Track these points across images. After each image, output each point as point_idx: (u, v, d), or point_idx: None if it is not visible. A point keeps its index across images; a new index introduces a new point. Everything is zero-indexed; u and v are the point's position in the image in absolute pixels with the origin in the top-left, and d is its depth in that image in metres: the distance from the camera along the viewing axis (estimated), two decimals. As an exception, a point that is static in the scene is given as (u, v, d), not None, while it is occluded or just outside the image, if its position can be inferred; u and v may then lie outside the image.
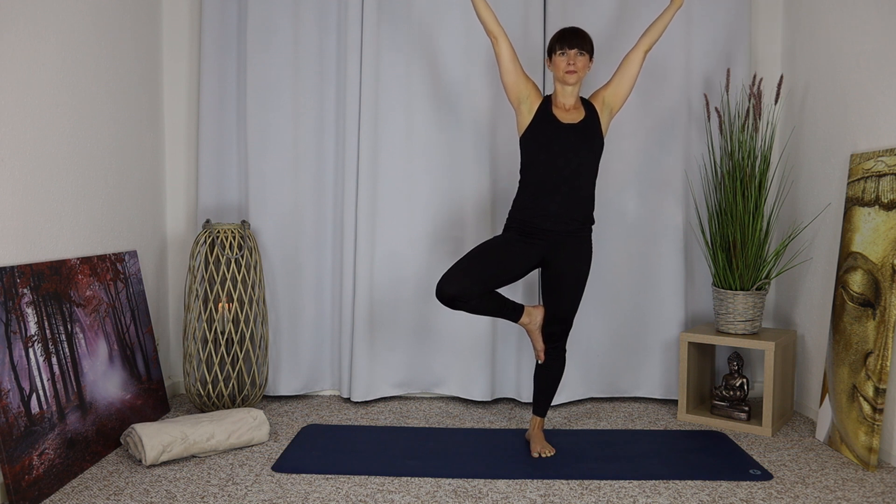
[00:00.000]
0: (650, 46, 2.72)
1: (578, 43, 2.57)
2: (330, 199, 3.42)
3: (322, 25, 3.34)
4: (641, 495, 2.34)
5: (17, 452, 2.21)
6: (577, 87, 2.63)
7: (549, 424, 3.09)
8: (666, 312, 3.36)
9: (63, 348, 2.53)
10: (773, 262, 3.14)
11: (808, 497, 2.33)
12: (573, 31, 2.59)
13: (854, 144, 2.88)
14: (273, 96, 3.33)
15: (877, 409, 2.53)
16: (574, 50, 2.57)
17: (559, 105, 2.64)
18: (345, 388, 3.43)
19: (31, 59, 2.45)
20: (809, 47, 3.22)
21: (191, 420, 2.70)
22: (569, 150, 2.57)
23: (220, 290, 3.14)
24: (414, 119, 3.33)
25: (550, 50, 2.63)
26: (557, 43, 2.59)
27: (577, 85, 2.62)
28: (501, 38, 2.63)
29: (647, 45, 2.71)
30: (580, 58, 2.58)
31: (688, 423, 3.12)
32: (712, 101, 3.35)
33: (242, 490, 2.37)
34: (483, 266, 2.55)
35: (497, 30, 2.63)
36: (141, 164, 3.24)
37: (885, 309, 2.54)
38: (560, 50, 2.58)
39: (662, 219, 3.35)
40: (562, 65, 2.58)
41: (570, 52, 2.57)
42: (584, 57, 2.59)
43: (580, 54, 2.58)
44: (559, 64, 2.59)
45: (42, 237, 2.52)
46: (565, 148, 2.57)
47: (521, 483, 2.44)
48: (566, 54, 2.57)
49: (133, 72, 3.15)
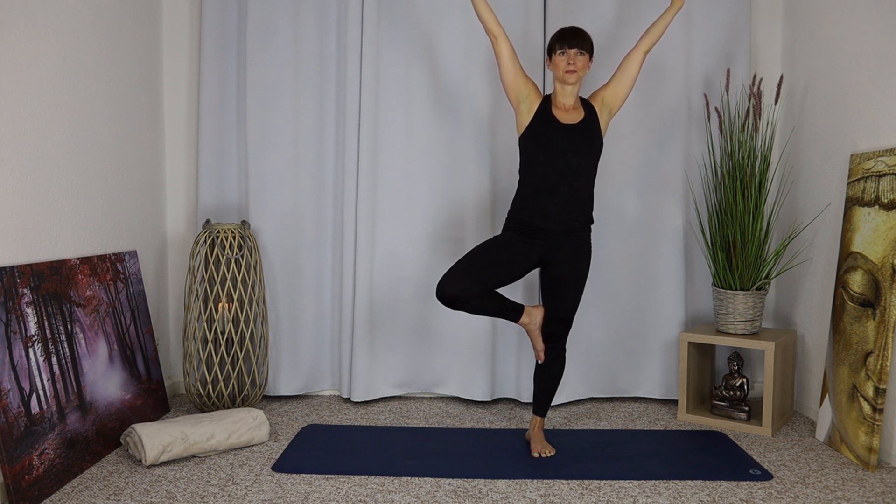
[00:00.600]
0: (650, 47, 2.72)
1: (578, 42, 2.57)
2: (330, 199, 3.42)
3: (322, 25, 3.34)
4: (641, 495, 2.34)
5: (17, 452, 2.21)
6: (576, 86, 2.63)
7: (549, 424, 3.09)
8: (666, 312, 3.36)
9: (63, 348, 2.53)
10: (773, 262, 3.14)
11: (808, 497, 2.33)
12: (573, 31, 2.59)
13: (854, 144, 2.88)
14: (273, 96, 3.33)
15: (877, 409, 2.53)
16: (574, 49, 2.57)
17: (559, 105, 2.64)
18: (345, 388, 3.43)
19: (31, 59, 2.45)
20: (809, 47, 3.22)
21: (191, 420, 2.70)
22: (568, 150, 2.57)
23: (220, 290, 3.14)
24: (414, 119, 3.33)
25: (550, 49, 2.63)
26: (557, 42, 2.60)
27: (576, 84, 2.62)
28: (501, 37, 2.63)
29: (647, 45, 2.71)
30: (580, 57, 2.58)
31: (688, 423, 3.12)
32: (712, 101, 3.35)
33: (242, 490, 2.37)
34: (483, 266, 2.55)
35: (497, 29, 2.63)
36: (141, 164, 3.24)
37: (885, 309, 2.54)
38: (560, 49, 2.59)
39: (662, 219, 3.35)
40: (562, 64, 2.58)
41: (570, 51, 2.57)
42: (584, 56, 2.59)
43: (580, 54, 2.58)
44: (559, 63, 2.59)
45: (42, 237, 2.52)
46: (564, 148, 2.57)
47: (521, 483, 2.44)
48: (566, 54, 2.58)
49: (133, 72, 3.15)
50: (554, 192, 2.58)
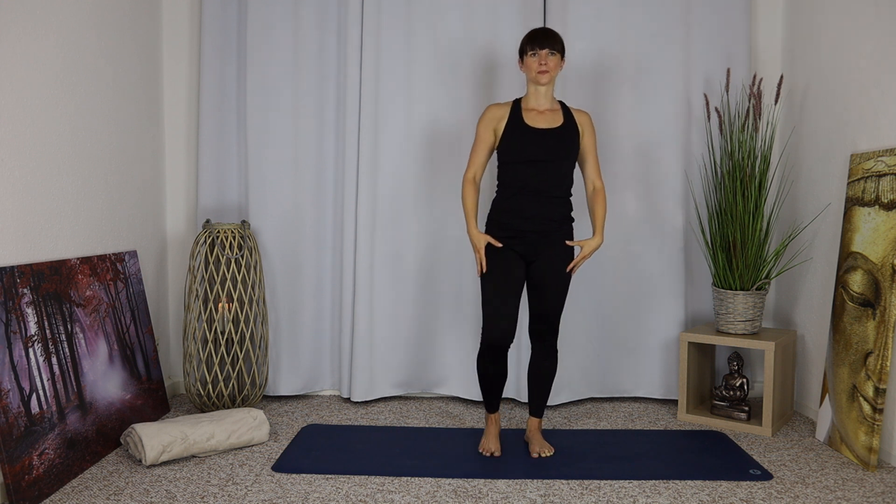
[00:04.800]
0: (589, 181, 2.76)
1: (549, 43, 2.59)
2: (330, 199, 3.42)
3: (322, 25, 3.34)
4: (641, 495, 2.34)
5: (17, 452, 2.21)
6: (550, 87, 2.65)
7: (549, 424, 3.09)
8: (666, 312, 3.36)
9: (63, 348, 2.53)
10: (773, 262, 3.14)
11: (808, 497, 2.33)
12: (543, 32, 2.61)
13: (854, 144, 2.88)
14: (273, 96, 3.33)
15: (877, 409, 2.53)
16: (545, 50, 2.59)
17: (532, 108, 2.66)
18: (345, 388, 3.43)
19: (31, 59, 2.45)
20: (809, 47, 3.22)
21: (191, 420, 2.70)
22: (541, 155, 2.59)
23: (220, 290, 3.14)
24: (414, 119, 3.33)
25: (521, 51, 2.65)
26: (528, 44, 2.61)
27: (550, 85, 2.64)
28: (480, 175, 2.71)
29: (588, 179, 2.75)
30: (552, 57, 2.60)
31: (688, 423, 3.12)
32: (712, 101, 3.35)
33: (242, 490, 2.37)
34: (503, 298, 2.60)
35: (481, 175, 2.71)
36: (141, 164, 3.24)
37: (885, 309, 2.54)
38: (531, 51, 2.60)
39: (662, 219, 3.35)
40: (534, 65, 2.60)
41: (542, 52, 2.59)
42: (556, 56, 2.61)
43: (551, 54, 2.60)
44: (531, 65, 2.61)
45: (42, 237, 2.52)
46: (538, 152, 2.59)
47: (521, 483, 2.44)
48: (538, 55, 2.59)
49: (133, 72, 3.15)
50: (529, 195, 2.60)
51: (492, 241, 2.61)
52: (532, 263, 2.66)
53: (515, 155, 2.61)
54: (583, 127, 2.70)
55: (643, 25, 3.30)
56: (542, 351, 2.73)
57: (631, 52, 3.31)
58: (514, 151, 2.61)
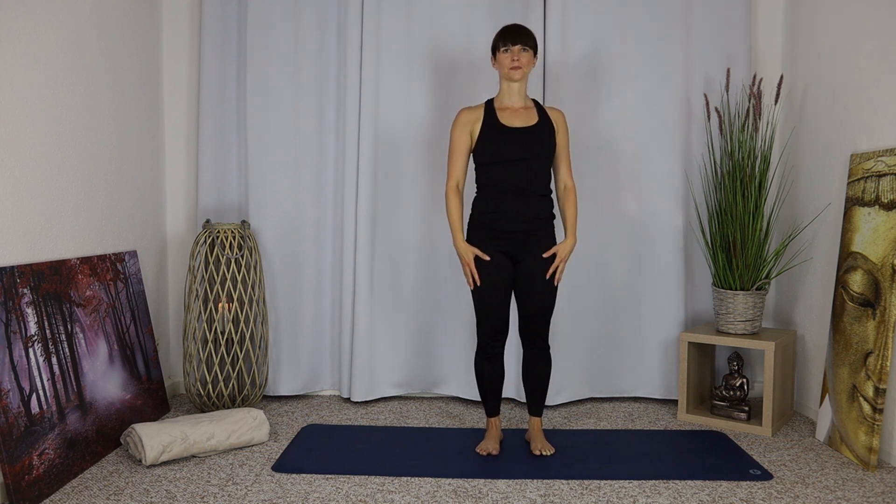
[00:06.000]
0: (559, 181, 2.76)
1: (522, 39, 2.59)
2: (330, 199, 3.42)
3: (322, 25, 3.34)
4: (641, 495, 2.34)
5: (17, 452, 2.21)
6: (523, 83, 2.65)
7: (549, 424, 3.09)
8: (666, 312, 3.36)
9: (63, 348, 2.53)
10: (773, 262, 3.14)
11: (808, 497, 2.33)
12: (516, 28, 2.62)
13: (854, 144, 2.88)
14: (273, 96, 3.33)
15: (877, 409, 2.53)
16: (518, 46, 2.59)
17: (505, 107, 2.66)
18: (345, 388, 3.43)
19: (31, 59, 2.45)
20: (809, 47, 3.22)
21: (191, 420, 2.70)
22: (521, 154, 2.59)
23: (220, 290, 3.14)
24: (414, 119, 3.33)
25: (494, 48, 2.65)
26: (501, 40, 2.62)
27: (523, 81, 2.64)
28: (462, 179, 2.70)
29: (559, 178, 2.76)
30: (524, 54, 2.60)
31: (688, 423, 3.12)
32: (712, 101, 3.35)
33: (242, 490, 2.37)
34: (493, 295, 2.63)
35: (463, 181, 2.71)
36: (141, 164, 3.24)
37: (885, 309, 2.54)
38: (504, 47, 2.61)
39: (662, 219, 3.35)
40: (506, 62, 2.60)
41: (514, 48, 2.59)
42: (528, 53, 2.62)
43: (524, 50, 2.60)
44: (503, 61, 2.61)
45: (42, 237, 2.52)
46: (517, 152, 2.59)
47: (521, 483, 2.44)
48: (510, 51, 2.60)
49: (133, 72, 3.15)
50: (512, 195, 2.60)
51: (479, 253, 2.61)
52: (518, 264, 2.66)
53: (494, 155, 2.61)
54: (557, 124, 2.70)
55: (643, 25, 3.30)
56: (534, 351, 2.73)
57: (631, 52, 3.31)
58: (492, 152, 2.61)
